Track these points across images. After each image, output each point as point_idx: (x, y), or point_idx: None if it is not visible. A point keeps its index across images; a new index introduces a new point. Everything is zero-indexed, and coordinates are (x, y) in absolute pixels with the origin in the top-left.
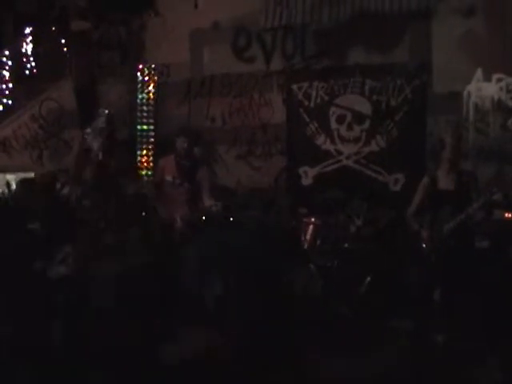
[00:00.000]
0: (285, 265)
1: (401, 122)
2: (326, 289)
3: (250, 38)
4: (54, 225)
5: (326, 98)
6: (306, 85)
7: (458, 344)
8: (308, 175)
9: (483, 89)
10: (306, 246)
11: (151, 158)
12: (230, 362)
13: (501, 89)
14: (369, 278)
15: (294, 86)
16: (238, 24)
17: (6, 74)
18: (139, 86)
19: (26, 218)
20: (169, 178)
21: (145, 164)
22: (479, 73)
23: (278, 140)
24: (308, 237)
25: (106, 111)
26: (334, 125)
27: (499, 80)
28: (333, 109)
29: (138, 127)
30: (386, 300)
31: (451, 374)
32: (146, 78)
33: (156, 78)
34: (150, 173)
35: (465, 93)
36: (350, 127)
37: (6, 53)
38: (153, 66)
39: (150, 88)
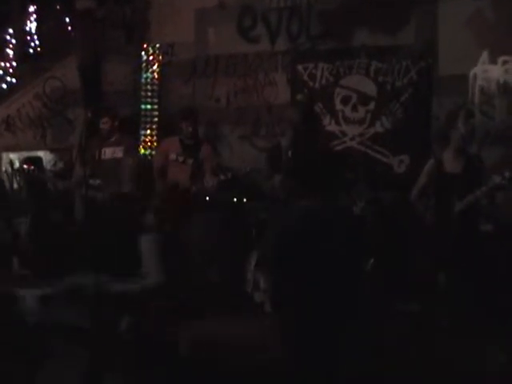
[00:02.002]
0: None
1: (406, 103)
2: None
3: (255, 18)
4: None
5: (331, 78)
6: (311, 65)
7: (462, 328)
8: None
9: (489, 71)
10: None
11: (155, 138)
12: None
13: (507, 71)
14: (372, 260)
15: (299, 67)
16: (244, 4)
17: (11, 52)
18: (144, 65)
19: None
20: (173, 155)
21: (148, 143)
22: (485, 55)
23: (283, 121)
24: None
25: None
26: (338, 106)
27: (505, 62)
28: (338, 90)
29: (142, 106)
30: (390, 283)
31: (456, 358)
32: (151, 58)
33: (161, 57)
34: (153, 152)
35: (470, 75)
36: (354, 108)
37: (11, 31)
38: (157, 45)
39: (155, 67)
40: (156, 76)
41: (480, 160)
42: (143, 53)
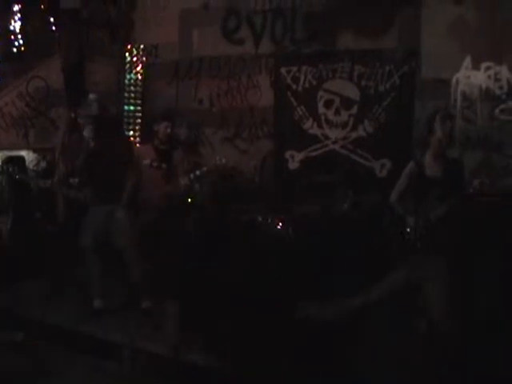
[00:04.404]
0: None
1: (388, 107)
2: None
3: (239, 21)
4: None
5: (315, 82)
6: (294, 68)
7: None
8: (294, 159)
9: (471, 77)
10: None
11: (137, 139)
12: None
13: (489, 77)
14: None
15: (283, 70)
16: (228, 6)
17: None
18: (127, 66)
19: None
20: (146, 161)
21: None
22: (468, 61)
23: (265, 123)
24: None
25: (96, 97)
26: (321, 109)
27: (488, 68)
28: (321, 93)
29: (126, 107)
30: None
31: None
32: (135, 59)
33: (144, 58)
34: None
35: (453, 80)
36: (337, 112)
37: None
38: (141, 46)
39: (138, 68)
40: (140, 77)
41: (460, 164)
42: (127, 54)
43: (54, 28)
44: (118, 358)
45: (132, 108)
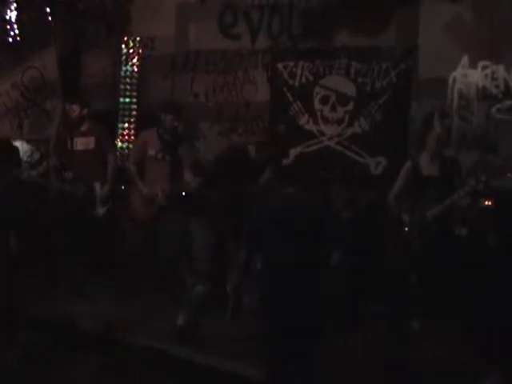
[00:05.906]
0: None
1: (385, 105)
2: None
3: (236, 15)
4: None
5: (311, 78)
6: (291, 64)
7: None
8: (290, 155)
9: (468, 76)
10: None
11: (132, 131)
12: None
13: (486, 76)
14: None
15: (279, 65)
16: (225, 0)
17: None
18: (123, 58)
19: None
20: (151, 152)
21: (126, 137)
22: (465, 59)
23: (261, 118)
24: None
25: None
26: (317, 105)
27: (485, 67)
28: (317, 89)
29: (121, 100)
30: (363, 284)
31: (425, 360)
32: (131, 51)
33: (140, 50)
34: (130, 146)
35: (450, 79)
36: (333, 108)
37: None
38: (138, 38)
39: (134, 61)
40: (135, 69)
41: (457, 163)
42: (123, 46)
43: (50, 19)
44: None
45: (127, 100)
